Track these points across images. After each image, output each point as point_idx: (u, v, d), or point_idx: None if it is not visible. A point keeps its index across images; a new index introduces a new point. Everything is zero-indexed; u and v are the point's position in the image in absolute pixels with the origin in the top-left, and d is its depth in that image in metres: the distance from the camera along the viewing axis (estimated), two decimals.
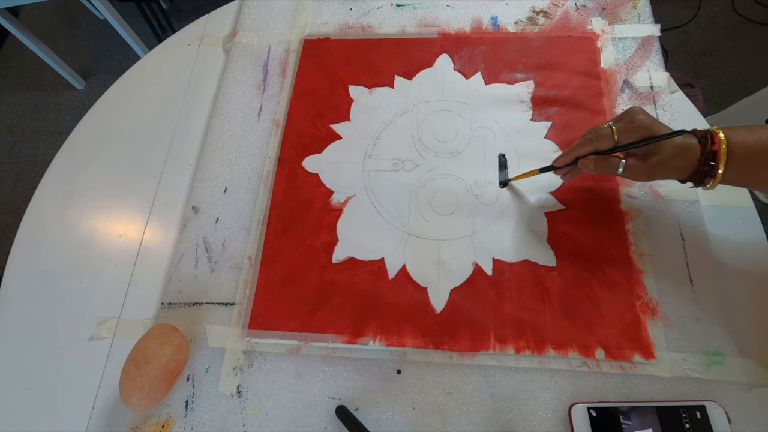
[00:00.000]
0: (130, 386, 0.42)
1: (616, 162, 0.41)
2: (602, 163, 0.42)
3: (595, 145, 0.42)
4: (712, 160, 0.39)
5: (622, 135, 0.41)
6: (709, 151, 0.39)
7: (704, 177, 0.40)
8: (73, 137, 0.63)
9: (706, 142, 0.39)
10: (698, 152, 0.39)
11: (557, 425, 0.41)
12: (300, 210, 0.53)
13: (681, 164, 0.40)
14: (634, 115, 0.41)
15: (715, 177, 0.39)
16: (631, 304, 0.45)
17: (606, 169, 0.42)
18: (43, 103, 1.61)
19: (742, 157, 0.38)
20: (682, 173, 0.41)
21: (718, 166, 0.38)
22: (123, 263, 0.53)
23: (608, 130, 0.41)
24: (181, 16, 1.71)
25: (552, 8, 0.63)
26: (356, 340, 0.46)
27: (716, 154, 0.38)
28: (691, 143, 0.40)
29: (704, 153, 0.39)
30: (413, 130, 0.57)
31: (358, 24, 0.65)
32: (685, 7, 1.50)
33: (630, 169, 0.41)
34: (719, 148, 0.38)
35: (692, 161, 0.40)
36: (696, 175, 0.41)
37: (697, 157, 0.39)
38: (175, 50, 0.68)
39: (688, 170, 0.40)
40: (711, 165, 0.39)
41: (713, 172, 0.39)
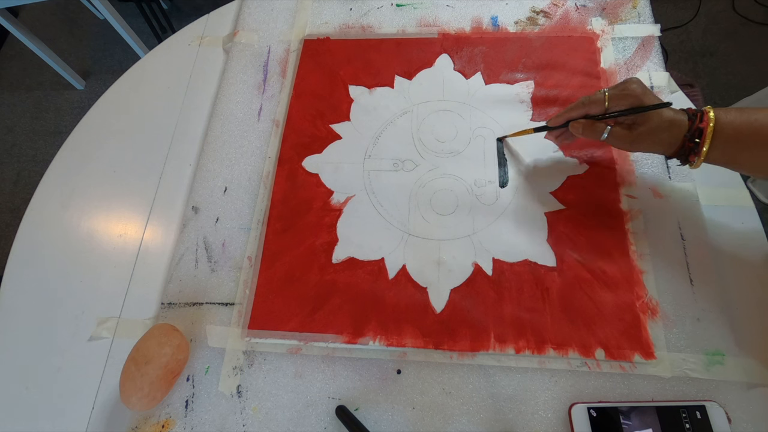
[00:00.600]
0: (130, 386, 0.42)
1: (602, 128, 0.43)
2: (589, 127, 0.44)
3: (587, 109, 0.44)
4: (697, 137, 0.39)
5: (612, 102, 0.42)
6: (695, 128, 0.39)
7: (689, 154, 0.41)
8: (73, 137, 0.63)
9: (695, 119, 0.40)
10: (686, 128, 0.40)
11: (557, 425, 0.41)
12: (300, 210, 0.53)
13: (667, 138, 0.41)
14: (628, 84, 0.42)
15: (699, 155, 0.40)
16: (631, 304, 0.45)
17: (592, 133, 0.43)
18: (43, 103, 1.61)
19: (728, 137, 0.38)
20: (668, 148, 0.42)
21: (703, 143, 0.39)
22: (123, 263, 0.53)
23: (601, 95, 0.43)
24: (181, 16, 1.71)
25: (552, 8, 0.63)
26: (356, 340, 0.46)
27: (702, 131, 0.39)
28: (680, 119, 0.40)
29: (691, 130, 0.40)
30: (413, 130, 0.57)
31: (358, 24, 0.65)
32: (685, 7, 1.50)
33: (614, 136, 0.43)
34: (706, 126, 0.39)
35: (678, 136, 0.40)
36: (681, 151, 0.41)
37: (683, 133, 0.40)
38: (175, 50, 0.68)
39: (674, 145, 0.41)
40: (696, 142, 0.39)
41: (698, 150, 0.39)
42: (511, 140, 0.55)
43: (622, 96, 0.41)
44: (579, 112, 0.44)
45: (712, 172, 0.51)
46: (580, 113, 0.44)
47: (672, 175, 0.51)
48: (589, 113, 0.44)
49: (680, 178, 0.50)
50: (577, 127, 0.44)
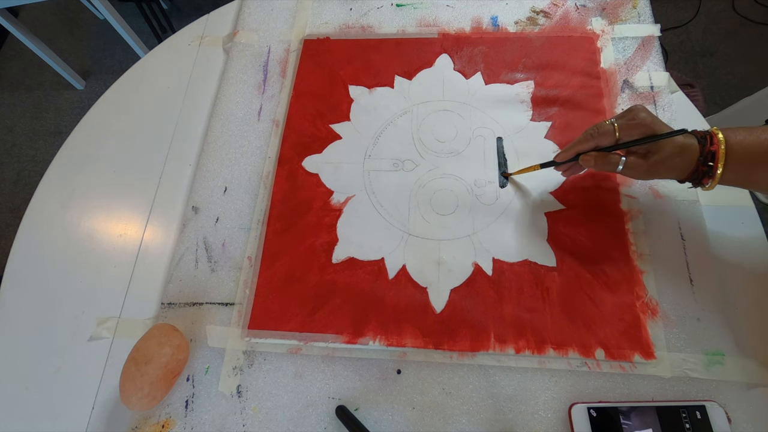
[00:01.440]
0: (130, 386, 0.42)
1: (617, 159, 0.42)
2: (602, 160, 0.43)
3: (597, 141, 0.43)
4: (710, 161, 0.39)
5: (623, 132, 0.41)
6: (707, 151, 0.39)
7: (703, 177, 0.40)
8: (73, 137, 0.63)
9: (705, 142, 0.39)
10: (697, 152, 0.40)
11: (557, 425, 0.41)
12: (300, 210, 0.53)
13: (680, 163, 0.40)
14: (636, 112, 0.41)
15: (714, 177, 0.39)
16: (631, 304, 0.45)
17: (606, 165, 0.43)
18: (43, 103, 1.61)
19: (740, 157, 0.38)
20: (681, 173, 0.41)
21: (717, 166, 0.39)
22: (123, 263, 0.53)
23: (610, 126, 0.42)
24: (181, 16, 1.71)
25: (552, 8, 0.63)
26: (356, 340, 0.46)
27: (715, 154, 0.39)
28: (691, 143, 0.40)
29: (703, 153, 0.39)
30: (413, 130, 0.57)
31: (358, 24, 0.65)
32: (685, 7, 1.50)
33: (630, 167, 0.42)
34: (718, 149, 0.38)
35: (691, 161, 0.40)
36: (695, 175, 0.41)
37: (696, 157, 0.40)
38: (175, 50, 0.68)
39: (688, 170, 0.41)
40: (710, 165, 0.39)
41: (712, 173, 0.39)
42: (512, 141, 0.55)
43: (633, 126, 0.41)
44: (588, 145, 0.43)
45: None
46: (589, 146, 0.43)
47: None
48: (600, 145, 0.43)
49: None
50: (589, 160, 0.43)
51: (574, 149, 0.45)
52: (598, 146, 0.43)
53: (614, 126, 0.41)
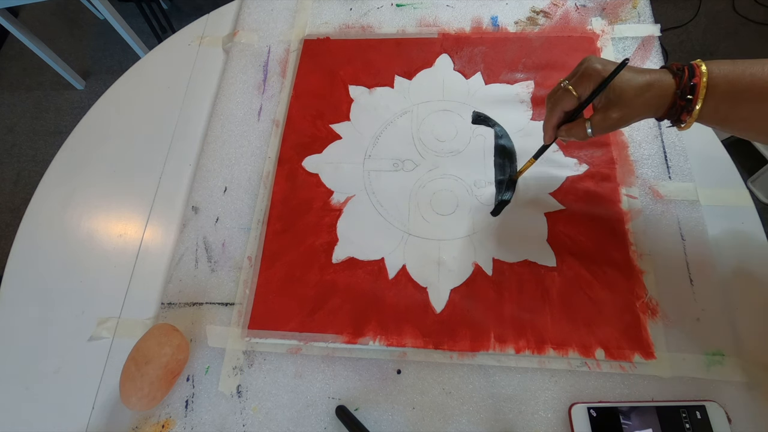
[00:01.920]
0: (130, 386, 0.42)
1: (582, 124, 0.40)
2: (570, 131, 0.41)
3: (561, 108, 0.41)
4: (690, 94, 0.36)
5: (578, 88, 0.39)
6: (685, 84, 0.36)
7: (681, 113, 0.38)
8: (73, 137, 0.63)
9: (683, 74, 0.37)
10: (670, 87, 0.37)
11: (557, 425, 0.41)
12: (300, 210, 0.53)
13: (650, 100, 0.38)
14: (587, 64, 0.39)
15: (692, 113, 0.37)
16: (631, 304, 0.45)
17: (577, 135, 0.41)
18: (43, 103, 1.61)
19: (722, 91, 0.36)
20: (654, 110, 0.39)
21: (696, 100, 0.36)
22: (123, 263, 0.53)
23: (563, 89, 0.40)
24: (181, 16, 1.71)
25: (552, 8, 0.63)
26: (356, 340, 0.46)
27: (695, 87, 0.36)
28: (658, 78, 0.38)
29: (680, 86, 0.37)
30: (413, 130, 0.57)
31: (358, 24, 0.65)
32: (685, 7, 1.50)
33: (599, 126, 0.40)
34: (699, 81, 0.36)
35: (664, 96, 0.37)
36: (672, 111, 0.38)
37: (670, 92, 0.37)
38: (175, 50, 0.68)
39: (663, 106, 0.38)
40: (688, 99, 0.37)
41: (690, 107, 0.37)
42: (514, 140, 0.55)
43: (585, 78, 0.39)
44: (557, 115, 0.42)
45: (712, 171, 0.51)
46: (558, 116, 0.42)
47: (672, 175, 0.51)
48: (565, 110, 0.41)
49: (680, 178, 0.50)
50: (563, 134, 0.42)
51: (549, 126, 0.43)
52: (565, 112, 0.41)
53: (569, 87, 0.40)
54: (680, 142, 0.52)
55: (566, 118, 0.43)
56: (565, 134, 0.42)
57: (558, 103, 0.41)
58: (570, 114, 0.42)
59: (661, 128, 0.53)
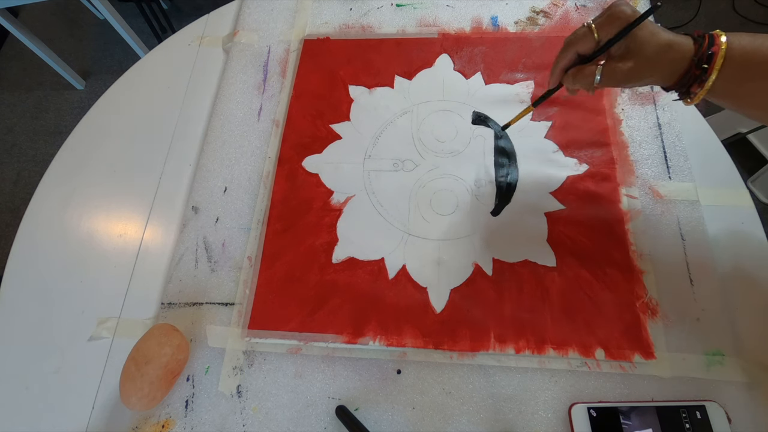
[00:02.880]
0: (130, 386, 0.42)
1: (592, 70, 0.37)
2: (578, 74, 0.38)
3: (576, 48, 0.38)
4: (705, 63, 0.35)
5: (602, 31, 0.37)
6: (704, 52, 0.35)
7: (693, 83, 0.36)
8: (73, 137, 0.63)
9: (703, 41, 0.35)
10: (689, 52, 0.35)
11: (557, 425, 0.41)
12: (300, 210, 0.53)
13: (668, 63, 0.36)
14: (615, 6, 0.36)
15: (704, 83, 0.35)
16: (631, 304, 0.45)
17: (584, 79, 0.38)
18: (43, 103, 1.61)
19: (737, 64, 0.34)
20: (669, 75, 0.37)
21: (712, 70, 0.34)
22: (123, 263, 0.53)
23: (586, 28, 0.37)
24: (181, 16, 1.71)
25: (552, 8, 0.63)
26: (356, 340, 0.46)
27: (713, 56, 0.34)
28: (681, 41, 0.36)
29: (698, 53, 0.35)
30: (413, 130, 0.57)
31: (358, 24, 0.65)
32: (685, 7, 1.50)
33: (609, 76, 0.37)
34: (718, 51, 0.34)
35: (682, 60, 0.36)
36: (684, 79, 0.36)
37: (687, 57, 0.35)
38: (175, 50, 0.68)
39: (676, 73, 0.36)
40: (704, 68, 0.35)
41: (704, 77, 0.35)
42: (514, 140, 0.55)
43: (611, 20, 0.36)
44: (569, 57, 0.39)
45: (712, 171, 0.51)
46: (570, 57, 0.39)
47: (672, 175, 0.51)
48: (581, 52, 0.38)
49: (680, 178, 0.50)
50: (568, 79, 0.39)
51: (558, 67, 0.40)
52: (579, 54, 0.39)
53: (591, 27, 0.37)
54: (680, 142, 0.52)
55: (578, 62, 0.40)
56: (572, 78, 0.39)
57: (575, 43, 0.38)
58: (583, 59, 0.39)
59: (661, 128, 0.53)
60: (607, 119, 0.54)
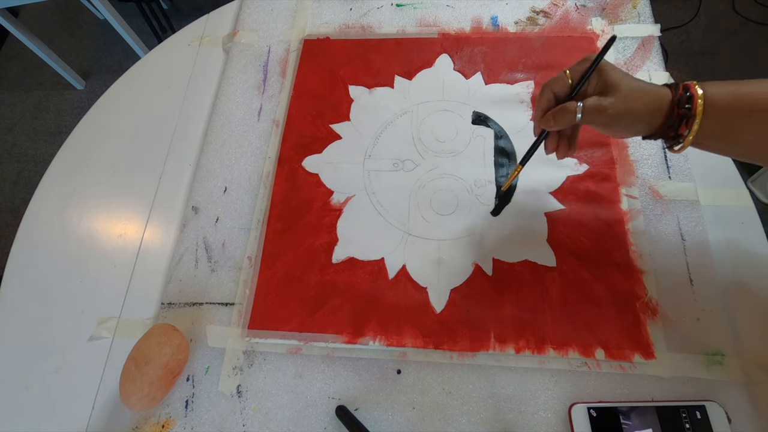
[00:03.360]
0: (130, 386, 0.42)
1: (573, 107, 0.38)
2: (559, 113, 0.39)
3: (551, 89, 0.40)
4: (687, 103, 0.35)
5: (574, 73, 0.39)
6: (683, 94, 0.35)
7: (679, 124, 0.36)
8: (73, 137, 0.63)
9: (678, 87, 0.36)
10: (667, 96, 0.36)
11: (557, 425, 0.41)
12: (300, 210, 0.53)
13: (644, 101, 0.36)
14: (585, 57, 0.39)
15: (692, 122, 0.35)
16: (631, 304, 0.45)
17: (564, 117, 0.39)
18: (43, 103, 1.61)
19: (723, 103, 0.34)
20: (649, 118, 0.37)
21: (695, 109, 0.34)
22: (123, 263, 0.53)
23: (561, 74, 0.40)
24: (181, 16, 1.71)
25: (552, 8, 0.63)
26: (356, 340, 0.46)
27: (692, 98, 0.34)
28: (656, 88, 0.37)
29: (677, 95, 0.35)
30: (413, 130, 0.57)
31: (358, 24, 0.65)
32: (685, 7, 1.50)
33: (589, 111, 0.38)
34: (695, 92, 0.34)
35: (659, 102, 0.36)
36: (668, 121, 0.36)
37: (667, 101, 0.36)
38: (175, 50, 0.68)
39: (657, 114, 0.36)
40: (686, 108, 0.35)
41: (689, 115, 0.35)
42: (514, 140, 0.55)
43: (581, 63, 0.39)
44: (546, 99, 0.40)
45: (712, 171, 0.51)
46: (548, 99, 0.40)
47: (672, 175, 0.51)
48: (556, 92, 0.40)
49: (680, 178, 0.50)
50: (548, 119, 0.40)
51: (539, 110, 0.41)
52: (556, 95, 0.40)
53: (566, 72, 0.39)
54: None
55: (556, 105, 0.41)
56: (552, 119, 0.39)
57: (550, 84, 0.40)
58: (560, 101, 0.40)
59: None
60: None
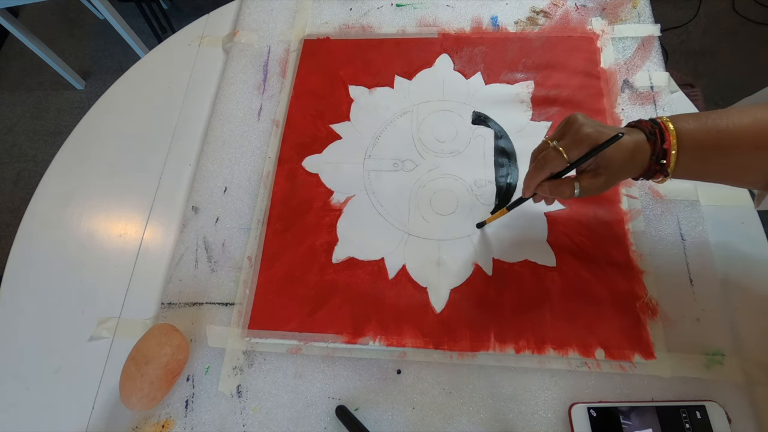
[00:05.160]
0: (130, 386, 0.42)
1: (570, 185, 0.40)
2: (556, 189, 0.40)
3: (548, 170, 0.40)
4: (663, 158, 0.37)
5: (570, 152, 0.39)
6: (659, 149, 0.37)
7: (655, 174, 0.39)
8: (73, 137, 0.63)
9: (656, 139, 0.37)
10: (647, 152, 0.38)
11: (557, 425, 0.41)
12: (300, 210, 0.53)
13: (634, 164, 0.39)
14: (577, 126, 0.38)
15: (667, 175, 0.38)
16: (631, 304, 0.45)
17: (561, 193, 0.40)
18: (43, 103, 1.61)
19: (693, 149, 0.37)
20: (636, 173, 0.40)
21: (669, 164, 0.37)
22: (123, 263, 0.53)
23: (555, 151, 0.39)
24: (181, 16, 1.71)
25: (552, 8, 0.63)
26: (356, 340, 0.46)
27: (667, 152, 0.37)
28: (641, 142, 0.38)
29: (655, 152, 0.38)
30: (413, 130, 0.57)
31: (358, 24, 0.65)
32: (685, 7, 1.50)
33: (585, 189, 0.39)
34: (669, 145, 0.37)
35: (644, 160, 0.38)
36: (647, 174, 0.39)
37: (647, 158, 0.38)
38: (175, 50, 0.68)
39: (641, 167, 0.39)
40: (662, 164, 0.38)
41: (665, 170, 0.38)
42: (514, 140, 0.55)
43: (578, 142, 0.38)
44: (543, 175, 0.41)
45: None
46: (544, 176, 0.41)
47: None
48: (553, 172, 0.40)
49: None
50: (544, 190, 0.41)
51: (531, 184, 0.42)
52: (552, 173, 0.40)
53: (560, 149, 0.39)
54: None
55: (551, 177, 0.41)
56: (549, 191, 0.41)
57: (547, 164, 0.40)
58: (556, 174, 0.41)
59: None
60: (607, 119, 0.54)
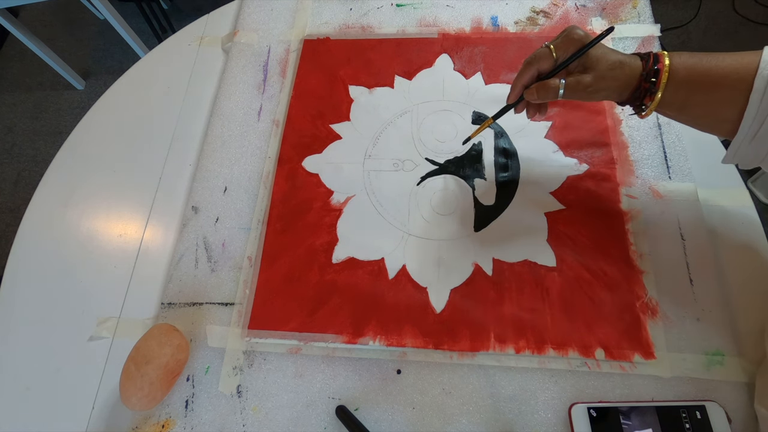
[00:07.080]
0: (130, 386, 0.42)
1: (556, 84, 0.41)
2: (543, 88, 0.42)
3: (536, 67, 0.42)
4: (653, 77, 0.39)
5: (559, 51, 0.41)
6: (651, 68, 0.39)
7: (644, 96, 0.40)
8: (73, 137, 0.63)
9: (649, 59, 0.39)
10: (639, 69, 0.40)
11: (557, 425, 0.41)
12: (300, 210, 0.53)
13: (621, 77, 0.40)
14: (570, 30, 0.41)
15: (654, 96, 0.39)
16: (631, 304, 0.45)
17: (548, 93, 0.42)
18: (43, 103, 1.61)
19: (682, 78, 0.38)
20: (621, 88, 0.41)
21: (659, 84, 0.38)
22: (123, 263, 0.53)
23: (545, 49, 0.42)
24: (181, 16, 1.71)
25: (552, 8, 0.63)
26: (356, 340, 0.46)
27: (659, 72, 0.39)
28: (630, 60, 0.40)
29: (646, 69, 0.39)
30: (413, 130, 0.57)
31: (358, 24, 0.65)
32: (685, 7, 1.50)
33: (570, 89, 0.41)
34: (662, 66, 0.38)
35: (632, 76, 0.40)
36: (636, 94, 0.40)
37: (637, 74, 0.40)
38: (175, 50, 0.68)
39: (629, 87, 0.40)
40: (652, 81, 0.39)
41: (654, 89, 0.39)
42: (514, 140, 0.55)
43: (568, 42, 0.41)
44: (530, 74, 0.43)
45: (712, 172, 0.51)
46: (531, 75, 0.43)
47: (672, 175, 0.51)
48: (541, 70, 0.42)
49: (680, 178, 0.50)
50: (532, 92, 0.43)
51: (519, 83, 0.44)
52: (540, 72, 0.43)
53: (550, 47, 0.41)
54: (680, 142, 0.52)
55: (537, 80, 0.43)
56: (536, 93, 0.42)
57: (535, 62, 0.42)
58: (541, 76, 0.43)
59: (661, 128, 0.53)
60: (607, 119, 0.54)
